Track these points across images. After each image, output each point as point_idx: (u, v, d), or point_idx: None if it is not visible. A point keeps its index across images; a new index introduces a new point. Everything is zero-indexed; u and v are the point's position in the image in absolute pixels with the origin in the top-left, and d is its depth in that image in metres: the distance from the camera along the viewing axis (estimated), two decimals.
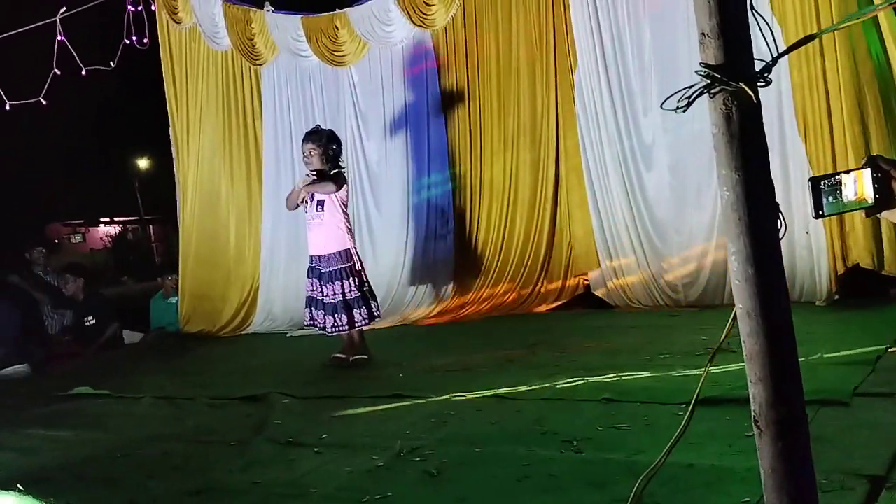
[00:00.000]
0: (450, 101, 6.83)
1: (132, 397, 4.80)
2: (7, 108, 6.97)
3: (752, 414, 1.58)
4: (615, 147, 5.98)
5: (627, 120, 5.91)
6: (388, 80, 7.06)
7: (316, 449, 3.25)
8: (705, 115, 5.15)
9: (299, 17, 7.24)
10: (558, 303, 6.32)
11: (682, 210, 5.72)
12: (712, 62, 1.48)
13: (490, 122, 6.65)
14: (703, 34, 1.49)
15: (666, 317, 5.39)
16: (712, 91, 1.48)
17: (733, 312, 1.57)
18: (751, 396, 1.58)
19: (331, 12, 7.12)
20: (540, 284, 6.42)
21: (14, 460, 3.63)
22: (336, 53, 7.17)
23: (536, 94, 6.39)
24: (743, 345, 1.56)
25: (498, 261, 6.60)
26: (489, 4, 6.56)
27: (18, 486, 3.01)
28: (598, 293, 6.19)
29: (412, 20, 6.78)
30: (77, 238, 33.66)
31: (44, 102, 7.02)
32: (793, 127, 5.09)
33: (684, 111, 1.51)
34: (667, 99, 1.51)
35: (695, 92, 1.49)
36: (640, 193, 5.88)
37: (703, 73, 1.48)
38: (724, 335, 1.64)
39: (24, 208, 21.45)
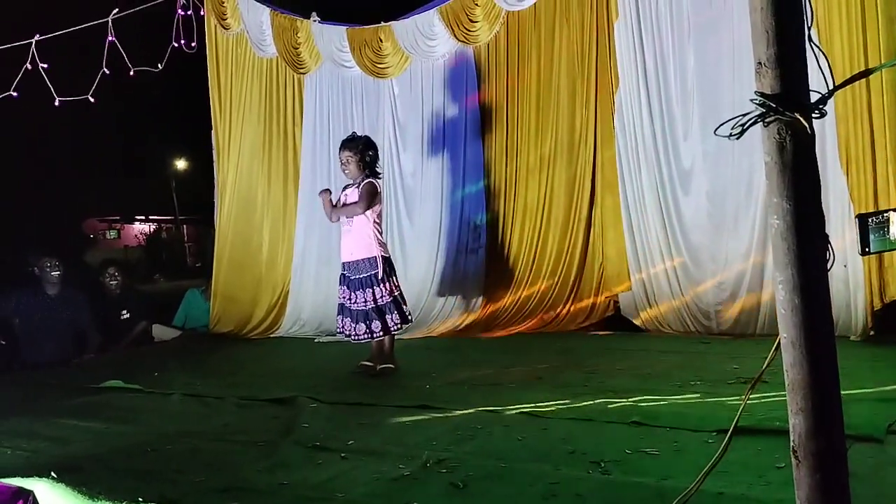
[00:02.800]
0: (488, 117, 6.87)
1: (162, 393, 4.88)
2: (56, 104, 7.13)
3: (791, 444, 1.58)
4: (653, 170, 5.96)
5: (667, 144, 5.90)
6: (429, 93, 7.12)
7: (343, 454, 3.27)
8: (746, 144, 5.15)
9: (344, 28, 7.35)
10: (587, 323, 6.29)
11: (718, 237, 5.68)
12: (768, 91, 1.49)
13: (527, 140, 6.67)
14: (759, 63, 1.50)
15: (697, 343, 5.35)
16: (767, 120, 1.49)
17: (777, 341, 1.57)
18: (790, 426, 1.58)
19: (376, 25, 7.22)
20: (570, 303, 6.41)
21: (47, 448, 3.71)
22: (378, 65, 7.25)
23: (575, 114, 6.40)
24: (785, 374, 1.56)
25: (528, 278, 6.60)
26: (532, 22, 6.60)
27: (52, 473, 3.07)
28: (629, 315, 6.17)
29: (455, 36, 6.84)
30: (112, 234, 34.23)
31: (91, 100, 7.18)
32: (835, 159, 5.04)
33: (738, 138, 1.52)
34: (721, 125, 1.52)
35: (749, 120, 1.50)
36: (677, 218, 5.86)
37: (758, 102, 1.49)
38: (766, 363, 1.64)
39: (64, 203, 21.82)
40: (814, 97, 1.56)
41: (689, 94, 5.79)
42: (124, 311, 7.52)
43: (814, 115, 1.50)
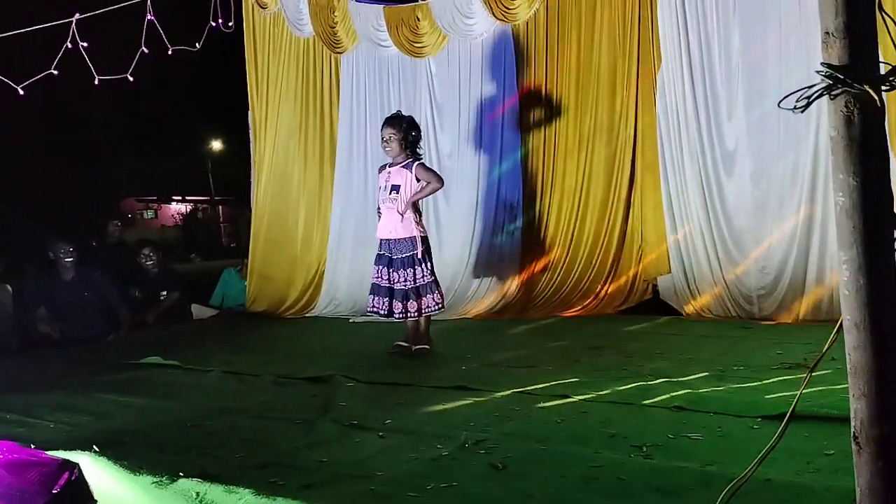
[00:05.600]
0: (526, 96, 6.79)
1: (201, 370, 4.93)
2: (96, 82, 7.16)
3: (852, 430, 1.52)
4: (695, 152, 5.85)
5: (710, 125, 5.77)
6: (466, 73, 7.05)
7: (380, 433, 3.26)
8: (791, 125, 5.01)
9: (382, 6, 7.30)
10: (625, 306, 6.22)
11: (762, 220, 5.56)
12: (835, 62, 1.42)
13: (566, 120, 6.59)
14: (826, 33, 1.43)
15: (738, 328, 5.25)
16: (834, 92, 1.42)
17: (839, 323, 1.51)
18: (852, 412, 1.52)
19: (413, 3, 7.15)
20: (607, 286, 6.34)
21: (89, 423, 3.75)
22: (416, 44, 7.20)
23: (616, 94, 6.30)
24: (847, 358, 1.50)
25: (565, 259, 6.54)
26: (573, 0, 6.49)
27: (94, 447, 3.10)
28: (668, 299, 6.08)
29: (494, 14, 6.76)
30: (149, 214, 34.68)
31: (131, 79, 7.21)
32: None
33: (802, 111, 1.46)
34: (785, 98, 1.46)
35: (815, 92, 1.43)
36: (719, 201, 5.74)
37: (824, 74, 1.42)
38: (827, 346, 1.58)
39: (102, 182, 22.11)
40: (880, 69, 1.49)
41: (734, 73, 5.66)
42: (163, 292, 7.60)
43: (884, 88, 1.42)
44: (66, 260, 6.75)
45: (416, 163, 5.08)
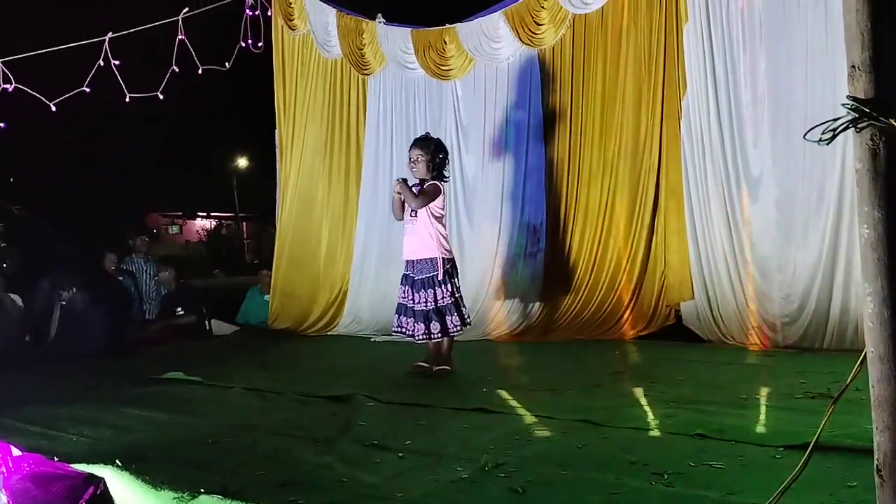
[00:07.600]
0: (551, 120, 6.81)
1: (222, 386, 4.97)
2: (126, 100, 7.29)
3: (875, 463, 1.52)
4: (720, 178, 5.83)
5: (735, 151, 5.76)
6: (492, 96, 7.10)
7: (400, 454, 3.26)
8: (817, 152, 4.98)
9: (409, 29, 7.39)
10: (647, 331, 6.19)
11: (786, 247, 5.52)
12: (861, 96, 1.43)
13: (591, 144, 6.60)
14: (853, 67, 1.45)
15: (762, 356, 5.21)
16: (859, 126, 1.43)
17: (862, 355, 1.51)
18: (875, 444, 1.52)
19: (440, 27, 7.23)
20: (629, 311, 6.31)
21: (112, 436, 3.78)
22: (442, 67, 7.27)
23: (641, 119, 6.31)
24: (871, 390, 1.50)
25: (588, 283, 6.53)
26: (599, 26, 6.53)
27: (117, 461, 3.13)
28: (691, 325, 6.04)
29: (520, 38, 6.81)
30: (174, 229, 35.05)
31: (161, 97, 7.33)
32: None
33: (828, 144, 1.47)
34: (810, 130, 1.47)
35: (840, 125, 1.44)
36: (743, 227, 5.72)
37: (850, 107, 1.43)
38: (850, 377, 1.57)
39: (129, 197, 22.37)
40: None
41: (760, 100, 5.65)
42: (179, 309, 7.69)
43: None
44: (66, 281, 6.77)
45: (431, 182, 5.11)
